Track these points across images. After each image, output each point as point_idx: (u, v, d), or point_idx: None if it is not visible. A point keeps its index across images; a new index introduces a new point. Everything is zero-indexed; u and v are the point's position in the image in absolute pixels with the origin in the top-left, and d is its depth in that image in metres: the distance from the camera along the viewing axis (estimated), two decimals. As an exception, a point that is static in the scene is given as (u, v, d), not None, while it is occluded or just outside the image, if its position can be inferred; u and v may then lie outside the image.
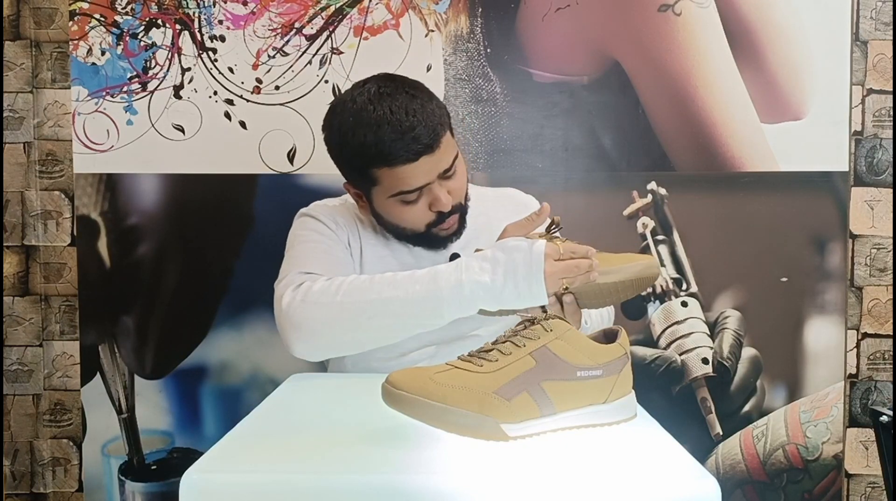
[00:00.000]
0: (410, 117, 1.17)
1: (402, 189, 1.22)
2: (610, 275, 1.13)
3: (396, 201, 1.24)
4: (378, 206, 1.28)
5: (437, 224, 1.27)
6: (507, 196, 1.49)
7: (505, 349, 0.86)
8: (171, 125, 1.78)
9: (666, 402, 1.79)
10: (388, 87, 1.22)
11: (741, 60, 1.77)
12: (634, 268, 1.15)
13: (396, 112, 1.17)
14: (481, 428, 0.81)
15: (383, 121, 1.17)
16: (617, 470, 0.77)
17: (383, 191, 1.24)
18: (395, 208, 1.26)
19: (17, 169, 1.82)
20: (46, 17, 1.79)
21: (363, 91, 1.22)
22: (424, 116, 1.18)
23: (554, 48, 1.77)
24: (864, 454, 1.84)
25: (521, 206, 1.47)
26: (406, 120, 1.17)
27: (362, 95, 1.22)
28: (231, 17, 1.77)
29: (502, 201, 1.47)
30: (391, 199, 1.24)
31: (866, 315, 1.84)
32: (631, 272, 1.14)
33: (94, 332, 1.81)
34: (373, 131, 1.18)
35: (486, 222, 1.38)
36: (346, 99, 1.24)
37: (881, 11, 1.79)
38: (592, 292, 1.15)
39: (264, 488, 0.74)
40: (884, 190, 1.82)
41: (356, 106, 1.21)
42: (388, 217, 1.29)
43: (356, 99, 1.21)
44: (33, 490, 1.86)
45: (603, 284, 1.13)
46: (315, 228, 1.34)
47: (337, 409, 1.01)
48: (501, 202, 1.46)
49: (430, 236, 1.29)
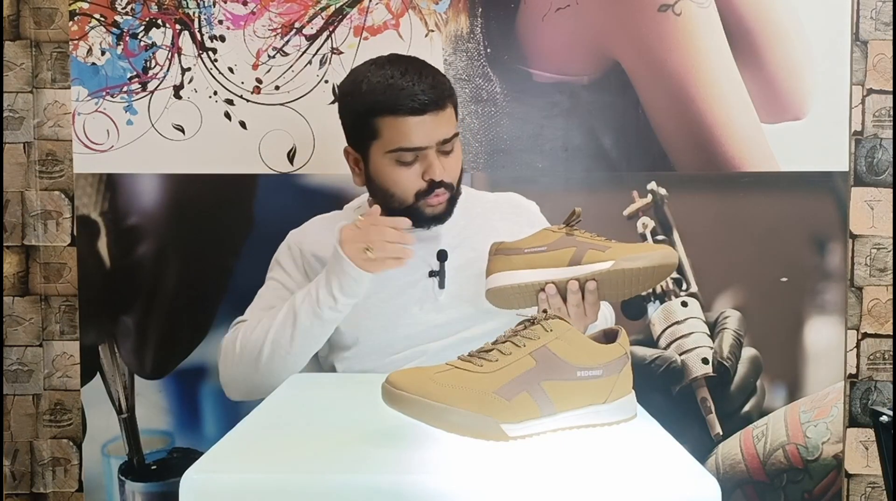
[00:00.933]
0: (422, 79, 1.26)
1: (402, 145, 1.26)
2: (634, 261, 1.16)
3: (393, 159, 1.28)
4: (374, 166, 1.31)
5: (426, 195, 1.29)
6: (506, 200, 1.50)
7: (505, 349, 0.86)
8: (171, 125, 1.78)
9: (666, 402, 1.79)
10: (403, 58, 1.32)
11: (741, 60, 1.77)
12: (656, 255, 1.16)
13: (410, 72, 1.27)
14: (481, 428, 0.81)
15: (396, 76, 1.26)
16: (617, 470, 0.77)
17: (382, 146, 1.28)
18: (389, 169, 1.29)
19: (17, 169, 1.82)
20: (46, 17, 1.79)
21: (378, 59, 1.32)
22: (434, 81, 1.27)
23: (554, 48, 1.77)
24: (864, 454, 1.84)
25: (520, 209, 1.47)
26: (418, 78, 1.26)
27: (378, 61, 1.31)
28: (231, 17, 1.77)
29: (500, 204, 1.48)
30: (388, 156, 1.28)
31: (866, 315, 1.84)
32: (654, 259, 1.16)
33: (94, 332, 1.81)
34: (385, 82, 1.26)
35: (482, 224, 1.39)
36: (362, 66, 1.33)
37: (881, 11, 1.79)
38: (616, 280, 1.17)
39: (264, 488, 0.74)
40: (884, 190, 1.82)
41: (374, 66, 1.30)
42: (381, 180, 1.31)
43: (374, 62, 1.31)
44: (33, 490, 1.86)
45: (628, 270, 1.15)
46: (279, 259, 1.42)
47: (337, 409, 1.02)
48: (499, 206, 1.47)
49: (417, 210, 1.30)
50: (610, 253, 1.17)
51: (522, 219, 1.42)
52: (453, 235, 1.37)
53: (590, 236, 1.20)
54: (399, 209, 1.31)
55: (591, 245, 1.18)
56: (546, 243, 1.20)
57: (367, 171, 1.32)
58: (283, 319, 1.27)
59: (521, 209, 1.48)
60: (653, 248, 1.18)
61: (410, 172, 1.28)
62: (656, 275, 1.18)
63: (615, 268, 1.15)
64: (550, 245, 1.20)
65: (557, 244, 1.20)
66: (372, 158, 1.30)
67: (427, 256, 1.35)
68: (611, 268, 1.16)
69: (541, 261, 1.19)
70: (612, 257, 1.17)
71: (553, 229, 1.22)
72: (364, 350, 1.34)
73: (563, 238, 1.20)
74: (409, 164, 1.27)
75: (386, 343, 1.33)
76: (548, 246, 1.20)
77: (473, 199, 1.44)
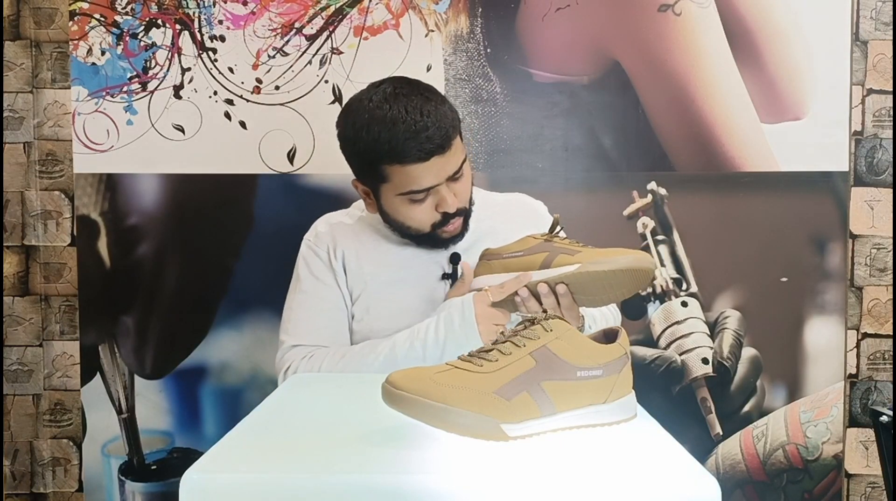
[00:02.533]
0: (424, 118, 1.21)
1: (412, 188, 1.25)
2: (600, 265, 1.15)
3: (404, 199, 1.27)
4: (386, 204, 1.30)
5: (442, 225, 1.30)
6: (515, 202, 1.50)
7: (505, 349, 0.86)
8: (171, 125, 1.78)
9: (666, 402, 1.79)
10: (403, 88, 1.25)
11: (741, 60, 1.77)
12: (625, 259, 1.15)
13: (411, 112, 1.21)
14: (481, 428, 0.81)
15: (398, 119, 1.21)
16: (617, 470, 0.77)
17: (392, 188, 1.27)
18: (402, 207, 1.28)
19: (17, 169, 1.82)
20: (46, 17, 1.79)
21: (379, 91, 1.25)
22: (438, 117, 1.22)
23: (554, 48, 1.77)
24: (864, 454, 1.84)
25: (528, 211, 1.47)
26: (420, 120, 1.20)
27: (378, 94, 1.25)
28: (231, 17, 1.77)
29: (510, 206, 1.47)
30: (399, 197, 1.27)
31: (866, 315, 1.84)
32: (621, 263, 1.15)
33: (94, 332, 1.81)
34: (387, 129, 1.21)
35: (491, 227, 1.39)
36: (362, 97, 1.27)
37: (881, 11, 1.79)
38: (586, 283, 1.16)
39: (264, 488, 0.74)
40: (884, 190, 1.82)
41: (372, 104, 1.24)
42: (395, 215, 1.31)
43: (372, 97, 1.25)
44: (33, 490, 1.86)
45: (594, 272, 1.15)
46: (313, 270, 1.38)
47: (337, 409, 1.02)
48: (509, 208, 1.46)
49: (434, 236, 1.32)
50: (578, 257, 1.17)
51: (529, 221, 1.41)
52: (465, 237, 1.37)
53: (567, 243, 1.21)
54: (417, 237, 1.33)
55: (562, 250, 1.19)
56: (524, 249, 1.22)
57: (380, 204, 1.32)
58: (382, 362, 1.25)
59: (528, 211, 1.48)
60: (624, 252, 1.17)
61: (424, 206, 1.28)
62: (630, 279, 1.16)
63: (580, 271, 1.15)
64: (527, 250, 1.22)
65: (533, 250, 1.21)
66: (383, 197, 1.30)
67: (440, 258, 1.36)
68: (576, 271, 1.16)
69: (515, 265, 1.21)
70: (579, 260, 1.17)
71: (534, 236, 1.24)
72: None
73: (540, 244, 1.22)
74: (420, 201, 1.27)
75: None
76: (524, 251, 1.22)
77: (484, 202, 1.44)
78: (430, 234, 1.31)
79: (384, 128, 1.21)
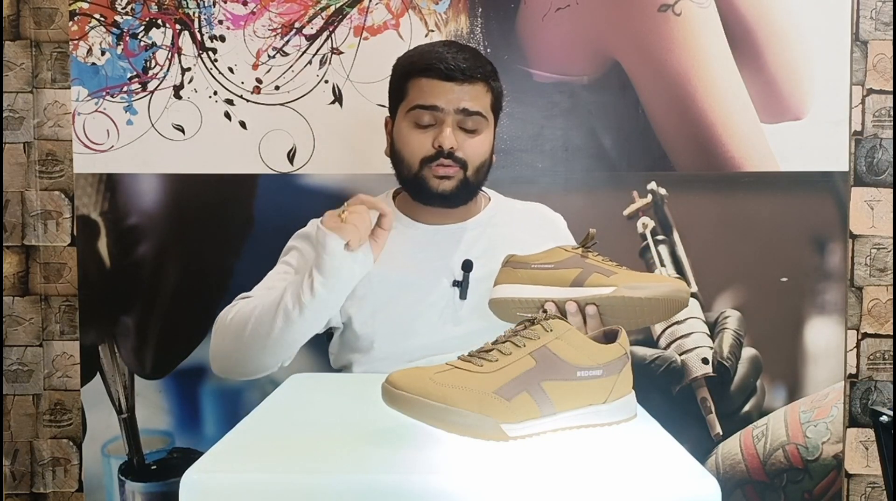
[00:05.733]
0: (461, 53, 1.31)
1: (420, 102, 1.29)
2: (637, 290, 1.10)
3: (411, 120, 1.31)
4: (396, 128, 1.35)
5: (431, 161, 1.30)
6: (535, 211, 1.49)
7: (505, 349, 0.86)
8: (171, 125, 1.78)
9: (666, 402, 1.79)
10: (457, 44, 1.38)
11: (741, 60, 1.77)
12: (663, 287, 1.11)
13: (454, 46, 1.34)
14: (481, 428, 0.81)
15: (440, 47, 1.33)
16: (617, 470, 0.77)
17: (405, 106, 1.32)
18: (406, 131, 1.32)
19: (17, 169, 1.82)
20: (46, 17, 1.79)
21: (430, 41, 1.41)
22: (474, 58, 1.32)
23: (554, 48, 1.77)
24: (864, 454, 1.84)
25: (547, 222, 1.47)
26: (457, 55, 1.30)
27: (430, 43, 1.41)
28: (231, 17, 1.77)
29: (530, 215, 1.47)
30: (408, 116, 1.31)
31: (866, 315, 1.84)
32: (659, 291, 1.10)
33: (94, 332, 1.81)
34: (427, 49, 1.34)
35: (509, 233, 1.38)
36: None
37: (881, 11, 1.79)
38: (618, 307, 1.11)
39: (264, 488, 0.74)
40: (884, 190, 1.82)
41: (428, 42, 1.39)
42: (397, 143, 1.34)
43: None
44: (33, 490, 1.86)
45: (629, 298, 1.10)
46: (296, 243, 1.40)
47: (337, 409, 1.01)
48: (529, 217, 1.46)
49: (423, 181, 1.31)
50: (614, 279, 1.12)
51: (547, 233, 1.40)
52: (479, 244, 1.36)
53: (601, 260, 1.16)
54: (407, 178, 1.33)
55: (597, 268, 1.14)
56: (554, 261, 1.17)
57: (392, 134, 1.36)
58: (271, 299, 1.24)
59: (547, 223, 1.47)
60: (661, 279, 1.13)
61: (423, 136, 1.30)
62: (664, 308, 1.11)
63: (615, 295, 1.10)
64: (558, 264, 1.16)
65: (565, 264, 1.16)
66: (397, 121, 1.34)
67: (452, 263, 1.34)
68: (611, 294, 1.10)
69: (544, 278, 1.16)
70: (615, 282, 1.11)
71: (566, 249, 1.18)
72: (378, 355, 1.33)
73: (573, 258, 1.16)
74: (424, 127, 1.30)
75: (401, 351, 1.31)
76: (555, 264, 1.16)
77: (502, 207, 1.43)
78: (419, 176, 1.31)
79: (426, 49, 1.34)
